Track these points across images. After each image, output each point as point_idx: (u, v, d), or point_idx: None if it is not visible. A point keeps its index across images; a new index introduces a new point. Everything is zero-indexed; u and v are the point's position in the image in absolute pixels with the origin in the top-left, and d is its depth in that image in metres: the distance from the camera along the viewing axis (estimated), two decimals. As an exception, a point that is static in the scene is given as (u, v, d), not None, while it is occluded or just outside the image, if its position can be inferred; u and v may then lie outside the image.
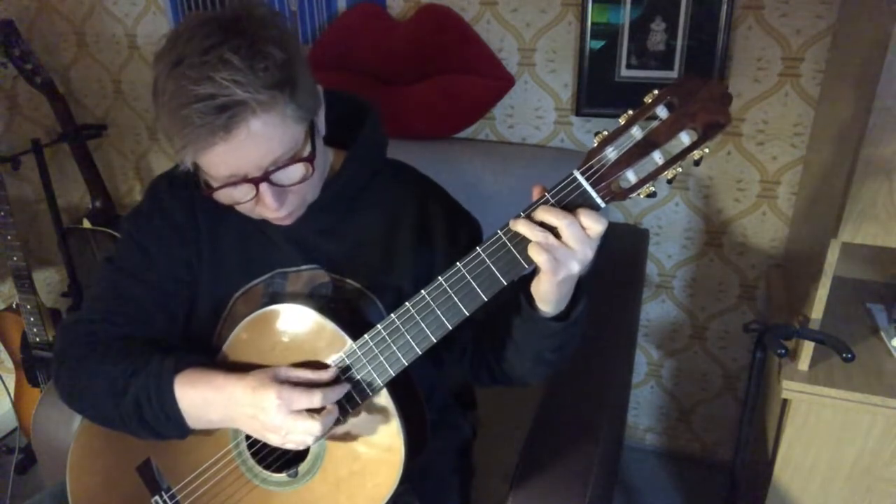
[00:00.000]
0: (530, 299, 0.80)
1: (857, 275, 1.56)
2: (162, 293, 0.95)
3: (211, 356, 0.91)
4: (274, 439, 0.82)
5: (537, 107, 1.69)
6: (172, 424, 0.86)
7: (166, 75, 0.75)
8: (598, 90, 1.60)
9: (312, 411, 0.80)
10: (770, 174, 1.59)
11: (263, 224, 0.92)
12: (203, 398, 0.84)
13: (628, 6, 1.50)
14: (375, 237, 0.95)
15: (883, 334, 1.35)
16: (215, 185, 0.81)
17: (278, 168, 0.79)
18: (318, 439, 0.81)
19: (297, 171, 0.82)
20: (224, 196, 0.82)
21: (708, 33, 1.47)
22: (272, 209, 0.83)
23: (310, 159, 0.82)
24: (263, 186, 0.80)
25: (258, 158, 0.78)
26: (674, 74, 1.53)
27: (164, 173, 1.00)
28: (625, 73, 1.56)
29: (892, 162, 1.07)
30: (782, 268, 1.65)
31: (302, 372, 0.83)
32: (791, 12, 1.44)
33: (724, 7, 1.44)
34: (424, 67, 1.64)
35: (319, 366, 0.84)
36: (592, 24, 1.54)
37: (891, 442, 1.23)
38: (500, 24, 1.64)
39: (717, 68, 1.49)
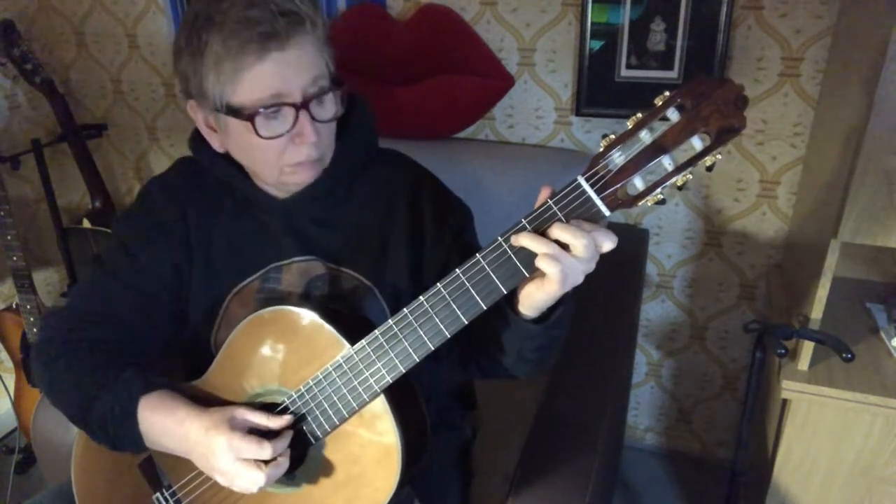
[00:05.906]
0: (510, 302, 0.79)
1: (857, 275, 1.56)
2: (141, 296, 0.95)
3: (208, 357, 0.91)
4: (221, 481, 0.83)
5: (537, 107, 1.69)
6: (129, 442, 0.87)
7: None
8: (598, 90, 1.60)
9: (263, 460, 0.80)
10: (770, 174, 1.59)
11: (263, 215, 0.93)
12: (162, 426, 0.85)
13: (628, 6, 1.50)
14: (371, 225, 0.96)
15: (883, 334, 1.35)
16: (251, 111, 0.81)
17: (315, 95, 0.83)
18: (263, 489, 0.81)
19: (330, 106, 0.87)
20: (262, 127, 0.83)
21: (708, 33, 1.47)
22: (309, 139, 0.84)
23: (340, 86, 0.87)
24: (303, 114, 0.83)
25: (301, 78, 0.82)
26: (673, 74, 1.53)
27: (157, 175, 1.01)
28: (625, 73, 1.56)
29: (892, 162, 1.07)
30: (782, 268, 1.64)
31: (259, 417, 0.83)
32: (791, 12, 1.44)
33: (724, 7, 1.44)
34: (424, 67, 1.64)
35: (278, 407, 0.85)
36: (592, 24, 1.54)
37: (891, 442, 1.23)
38: (500, 24, 1.64)
39: (717, 68, 1.49)
